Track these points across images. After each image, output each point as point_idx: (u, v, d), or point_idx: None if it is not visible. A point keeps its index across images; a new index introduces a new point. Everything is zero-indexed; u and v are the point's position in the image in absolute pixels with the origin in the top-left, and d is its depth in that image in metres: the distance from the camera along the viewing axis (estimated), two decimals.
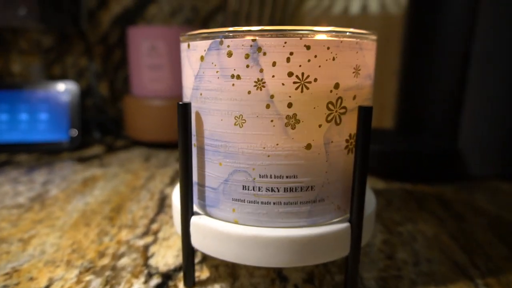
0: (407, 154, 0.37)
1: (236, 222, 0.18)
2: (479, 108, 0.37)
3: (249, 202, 0.17)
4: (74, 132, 0.48)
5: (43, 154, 0.46)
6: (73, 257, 0.22)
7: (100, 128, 0.56)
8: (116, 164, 0.42)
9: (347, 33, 0.16)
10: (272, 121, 0.16)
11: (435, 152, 0.37)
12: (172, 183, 0.36)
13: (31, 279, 0.20)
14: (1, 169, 0.40)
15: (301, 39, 0.16)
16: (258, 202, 0.17)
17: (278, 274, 0.21)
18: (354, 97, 0.17)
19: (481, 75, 0.36)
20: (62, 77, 0.59)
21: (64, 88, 0.49)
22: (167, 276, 0.21)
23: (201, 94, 0.18)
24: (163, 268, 0.21)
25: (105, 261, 0.22)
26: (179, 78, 0.48)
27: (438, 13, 0.38)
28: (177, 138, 0.48)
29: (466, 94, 0.37)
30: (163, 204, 0.31)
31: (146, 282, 0.20)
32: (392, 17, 0.60)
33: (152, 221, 0.28)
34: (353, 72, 0.17)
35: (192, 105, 0.18)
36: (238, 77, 0.16)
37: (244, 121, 0.17)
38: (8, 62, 0.57)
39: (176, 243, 0.24)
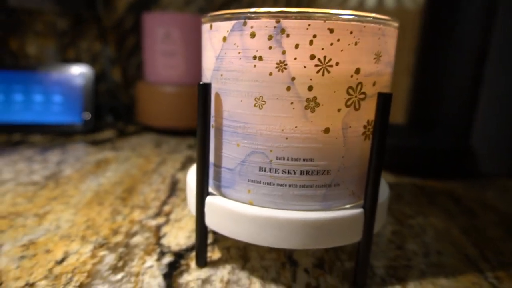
0: (418, 149, 0.37)
1: (251, 203, 0.18)
2: (493, 106, 0.36)
3: (265, 184, 0.18)
4: (87, 116, 0.49)
5: (57, 135, 0.47)
6: (88, 233, 0.23)
7: (113, 113, 0.57)
8: (128, 148, 0.43)
9: (371, 18, 0.16)
10: (292, 103, 0.16)
11: (447, 148, 0.37)
12: (183, 169, 0.36)
13: (48, 251, 0.21)
14: (16, 148, 0.40)
15: (325, 22, 0.16)
16: (274, 184, 0.17)
17: (288, 258, 0.21)
18: (374, 84, 0.17)
19: (496, 73, 0.36)
20: (76, 60, 0.60)
21: (78, 72, 0.49)
22: (179, 255, 0.21)
23: (221, 75, 0.18)
24: (175, 247, 0.22)
25: (119, 238, 0.22)
26: (192, 65, 0.48)
27: (455, 9, 0.38)
28: (188, 125, 0.48)
29: (480, 92, 0.36)
30: (174, 188, 0.31)
31: (158, 259, 0.20)
32: (407, 11, 0.59)
33: (164, 203, 0.28)
34: (374, 58, 0.17)
35: (212, 86, 0.18)
36: (260, 58, 0.16)
37: (264, 102, 0.17)
38: (23, 43, 0.58)
39: (188, 225, 0.25)
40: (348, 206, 0.18)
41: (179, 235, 0.23)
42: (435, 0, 0.41)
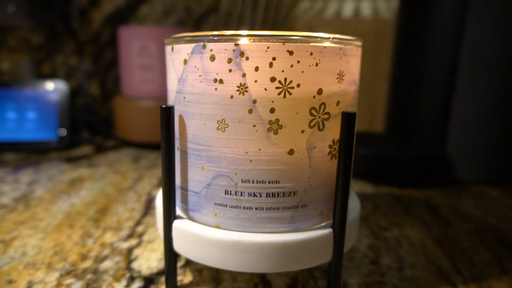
0: (395, 158, 0.37)
1: (218, 227, 0.18)
2: (467, 114, 0.37)
3: (231, 207, 0.17)
4: (63, 132, 0.48)
5: (31, 153, 0.46)
6: (55, 259, 0.22)
7: (90, 128, 0.56)
8: (105, 165, 0.42)
9: (330, 39, 0.16)
10: (254, 126, 0.16)
11: (423, 157, 0.37)
12: (160, 185, 0.36)
13: (10, 282, 0.20)
14: None
15: (283, 44, 0.16)
16: (240, 207, 0.17)
17: (261, 279, 0.21)
18: (338, 103, 0.17)
19: (469, 82, 0.36)
20: (52, 75, 0.59)
21: (53, 87, 0.48)
22: (149, 280, 0.20)
23: (184, 98, 0.18)
24: (145, 271, 0.21)
25: (87, 264, 0.22)
26: None
27: (428, 20, 0.38)
28: None
29: (455, 101, 0.37)
30: (149, 206, 0.31)
31: (127, 286, 0.20)
32: (384, 21, 0.60)
33: (138, 223, 0.27)
34: (337, 78, 0.17)
35: (176, 108, 0.18)
36: (221, 81, 0.16)
37: (226, 125, 0.16)
38: None
39: (160, 246, 0.24)
40: (317, 226, 0.18)
41: (151, 258, 0.23)
42: (408, 11, 0.41)
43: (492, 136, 0.37)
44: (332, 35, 0.16)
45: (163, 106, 0.17)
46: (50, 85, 0.48)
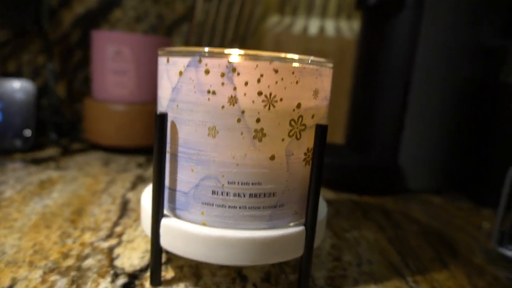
0: (354, 168, 0.41)
1: (204, 224, 0.20)
2: (417, 130, 0.42)
3: (217, 206, 0.19)
4: (28, 133, 0.47)
5: None
6: (36, 258, 0.23)
7: (56, 129, 0.55)
8: (74, 167, 0.42)
9: (309, 61, 0.19)
10: (242, 133, 0.18)
11: (379, 167, 0.41)
12: (133, 188, 0.37)
13: None
14: None
15: (270, 63, 0.18)
16: (225, 206, 0.19)
17: (238, 274, 0.23)
18: (313, 116, 0.20)
19: (420, 101, 0.41)
20: (17, 74, 0.57)
21: (19, 86, 0.47)
22: (133, 276, 0.22)
23: (177, 106, 0.19)
24: (129, 268, 0.22)
25: (70, 262, 0.23)
26: (143, 84, 0.49)
27: (384, 42, 0.43)
28: (138, 143, 0.48)
29: (407, 117, 0.42)
30: (125, 208, 0.31)
31: (112, 281, 0.21)
32: (346, 41, 0.65)
33: (116, 224, 0.28)
34: (313, 95, 0.20)
35: (169, 115, 0.20)
36: (214, 92, 0.18)
37: (217, 132, 0.18)
38: None
39: (140, 245, 0.25)
40: (291, 224, 0.21)
41: (133, 256, 0.24)
42: (367, 34, 0.46)
43: (438, 150, 0.42)
44: (311, 58, 0.19)
45: (158, 113, 0.19)
46: (16, 84, 0.47)
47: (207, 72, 0.18)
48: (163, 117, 0.19)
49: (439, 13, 0.39)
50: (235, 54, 0.18)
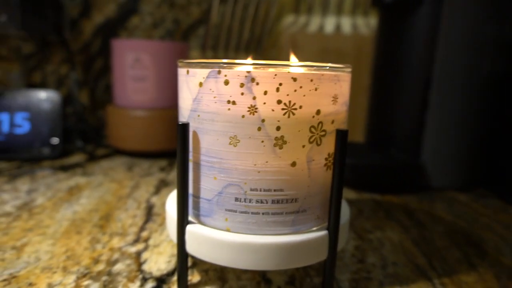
0: (376, 167, 0.41)
1: (228, 230, 0.20)
2: (439, 127, 0.41)
3: (241, 213, 0.20)
4: (56, 141, 0.48)
5: (24, 162, 0.46)
6: (69, 263, 0.24)
7: (81, 136, 0.57)
8: (100, 173, 0.43)
9: (328, 68, 0.19)
10: (262, 141, 0.19)
11: (401, 165, 0.41)
12: (157, 192, 0.38)
13: (30, 284, 0.21)
14: None
15: (289, 72, 0.18)
16: (248, 213, 0.20)
17: (263, 277, 0.23)
18: (333, 122, 0.20)
19: (441, 97, 0.40)
20: (42, 84, 0.59)
21: (45, 96, 0.49)
22: (161, 280, 0.22)
23: (198, 116, 0.20)
24: (156, 273, 0.23)
25: (100, 267, 0.23)
26: (163, 90, 0.50)
27: (403, 38, 0.42)
28: (160, 148, 0.49)
29: (428, 114, 0.41)
30: (150, 212, 0.32)
31: (142, 285, 0.22)
32: (363, 38, 0.65)
33: (142, 229, 0.29)
34: (332, 100, 0.20)
35: (190, 124, 0.20)
36: (234, 102, 0.19)
37: (238, 141, 0.19)
38: None
39: (167, 249, 0.26)
40: (314, 228, 0.21)
41: (159, 261, 0.25)
42: (385, 30, 0.45)
43: (462, 147, 0.41)
44: (329, 65, 0.19)
45: (180, 123, 0.20)
46: (42, 94, 0.49)
47: (226, 82, 0.19)
48: (185, 126, 0.20)
49: (459, 8, 0.38)
50: (253, 64, 0.18)
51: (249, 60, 0.18)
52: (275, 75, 0.18)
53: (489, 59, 0.39)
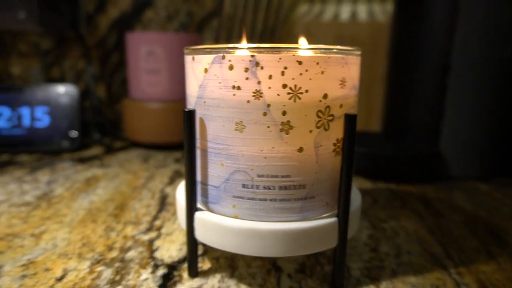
0: (392, 156, 0.40)
1: (236, 217, 0.20)
2: (458, 114, 0.39)
3: (248, 199, 0.20)
4: (74, 134, 0.50)
5: (44, 154, 0.48)
6: (84, 250, 0.24)
7: (99, 129, 0.58)
8: (116, 165, 0.44)
9: (334, 50, 0.19)
10: (268, 127, 0.18)
11: (418, 154, 0.40)
12: (171, 183, 0.38)
13: (47, 269, 0.22)
14: (5, 169, 0.41)
15: (294, 55, 0.18)
16: (256, 199, 0.19)
17: (273, 265, 0.23)
18: (341, 106, 0.20)
19: (460, 84, 0.39)
20: (61, 79, 0.61)
21: (64, 91, 0.50)
22: (172, 267, 0.23)
23: (204, 102, 0.20)
24: (167, 260, 0.23)
25: (114, 254, 0.24)
26: (176, 82, 0.50)
27: (420, 24, 0.41)
28: (174, 140, 0.50)
29: (446, 102, 0.39)
30: (164, 202, 0.33)
31: (153, 272, 0.22)
32: (380, 24, 0.63)
33: (155, 218, 0.30)
34: (340, 84, 0.19)
35: (197, 111, 0.20)
36: (239, 88, 0.18)
37: (244, 126, 0.19)
38: (7, 64, 0.58)
39: (178, 238, 0.26)
40: (323, 215, 0.20)
41: (171, 248, 0.25)
42: (402, 16, 0.44)
43: (482, 135, 0.40)
44: (336, 47, 0.19)
45: (186, 109, 0.20)
46: (61, 89, 0.50)
47: (231, 68, 0.18)
48: (191, 113, 0.20)
49: None
50: (257, 48, 0.18)
51: (253, 44, 0.18)
52: (280, 58, 0.18)
53: (510, 45, 0.37)
